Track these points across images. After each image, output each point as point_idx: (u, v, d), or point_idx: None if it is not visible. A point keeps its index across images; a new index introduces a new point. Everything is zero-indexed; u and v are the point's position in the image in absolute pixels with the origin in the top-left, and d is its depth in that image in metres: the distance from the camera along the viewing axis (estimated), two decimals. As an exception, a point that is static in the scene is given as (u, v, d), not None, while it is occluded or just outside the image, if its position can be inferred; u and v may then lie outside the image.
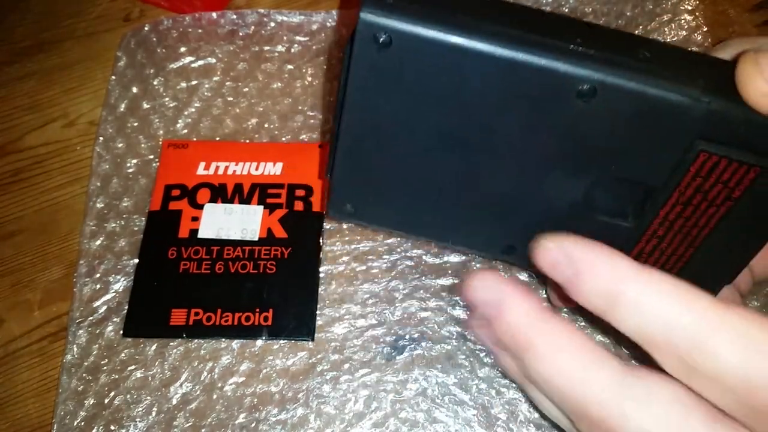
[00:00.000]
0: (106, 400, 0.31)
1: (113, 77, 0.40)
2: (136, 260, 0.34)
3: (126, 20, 0.42)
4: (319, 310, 0.33)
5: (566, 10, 0.41)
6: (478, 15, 0.20)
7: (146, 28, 0.41)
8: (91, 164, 0.37)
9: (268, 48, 0.40)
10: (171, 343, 0.32)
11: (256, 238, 0.34)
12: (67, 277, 0.34)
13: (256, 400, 0.31)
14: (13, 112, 0.39)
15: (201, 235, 0.34)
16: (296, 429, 0.30)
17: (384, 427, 0.30)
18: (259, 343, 0.32)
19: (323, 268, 0.34)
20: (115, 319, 0.33)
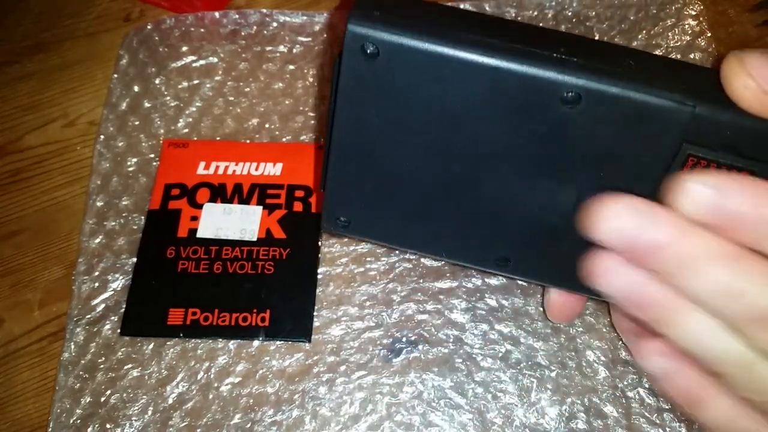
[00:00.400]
0: (103, 399, 0.31)
1: (115, 76, 0.40)
2: (135, 259, 0.34)
3: (126, 20, 0.42)
4: (317, 312, 0.33)
5: (569, 14, 0.41)
6: (463, 26, 0.21)
7: (149, 27, 0.41)
8: (92, 162, 0.37)
9: (270, 48, 0.40)
10: (168, 343, 0.32)
11: (255, 239, 0.34)
12: (67, 277, 0.34)
13: (251, 400, 0.31)
14: (13, 112, 0.39)
15: (200, 234, 0.34)
16: (291, 430, 0.30)
17: (379, 429, 0.30)
18: (256, 343, 0.32)
19: (321, 270, 0.34)
20: (112, 318, 0.33)
